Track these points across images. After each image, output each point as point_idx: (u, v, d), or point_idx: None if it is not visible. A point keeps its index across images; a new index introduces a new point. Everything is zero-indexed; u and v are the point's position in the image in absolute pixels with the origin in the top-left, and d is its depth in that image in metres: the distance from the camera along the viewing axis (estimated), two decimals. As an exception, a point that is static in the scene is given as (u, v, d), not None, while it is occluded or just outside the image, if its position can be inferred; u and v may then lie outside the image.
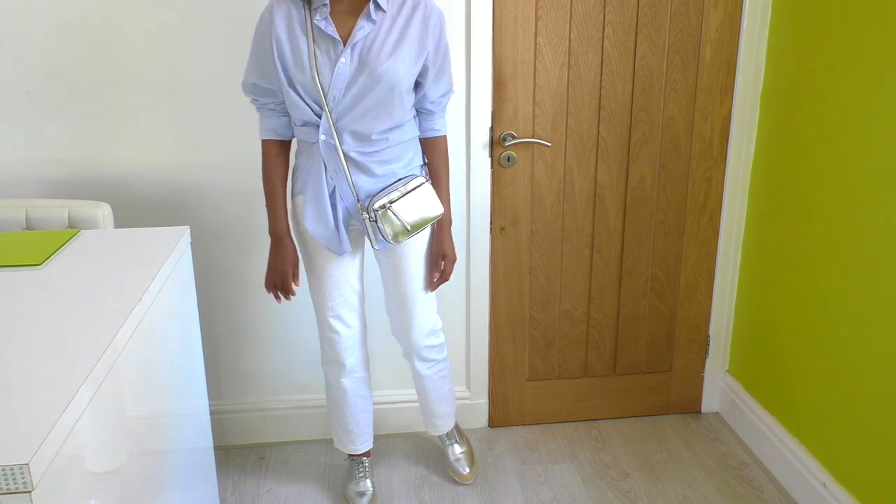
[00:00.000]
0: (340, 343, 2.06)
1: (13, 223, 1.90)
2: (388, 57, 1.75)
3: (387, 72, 1.75)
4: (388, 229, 1.85)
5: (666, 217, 2.51)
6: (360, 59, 1.75)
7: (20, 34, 2.10)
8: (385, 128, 1.83)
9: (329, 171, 1.86)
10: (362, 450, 2.28)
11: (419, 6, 1.80)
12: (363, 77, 1.76)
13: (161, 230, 1.74)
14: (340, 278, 1.99)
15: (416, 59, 1.80)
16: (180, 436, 1.65)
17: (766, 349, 2.43)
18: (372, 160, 1.85)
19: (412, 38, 1.79)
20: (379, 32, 1.76)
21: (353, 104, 1.78)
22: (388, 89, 1.78)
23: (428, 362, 2.17)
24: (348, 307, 2.04)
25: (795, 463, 2.24)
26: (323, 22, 1.73)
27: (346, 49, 1.74)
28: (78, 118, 2.19)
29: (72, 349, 1.17)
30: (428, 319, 2.10)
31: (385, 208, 1.83)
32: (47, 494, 0.94)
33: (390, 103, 1.80)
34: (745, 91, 2.39)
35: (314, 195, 1.87)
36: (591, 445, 2.55)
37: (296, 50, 1.76)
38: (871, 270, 1.92)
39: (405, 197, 1.85)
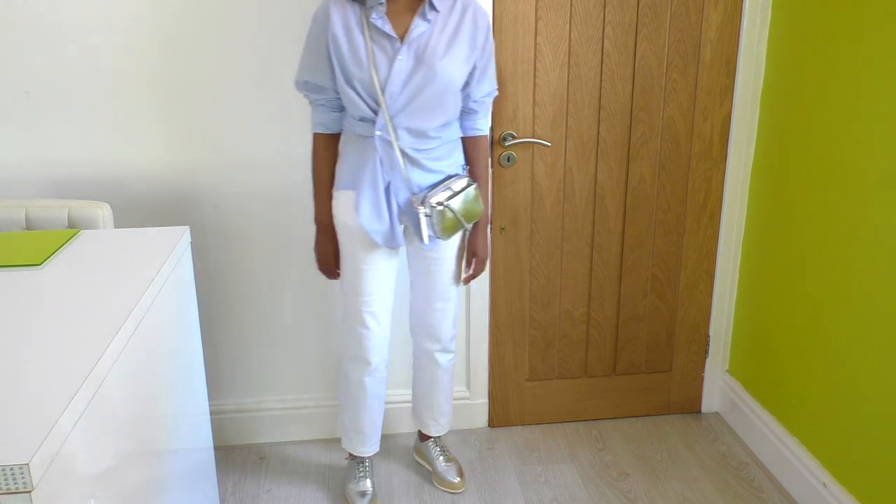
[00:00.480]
0: (369, 340, 2.07)
1: (13, 223, 1.90)
2: (444, 55, 1.82)
3: (442, 69, 1.81)
4: (442, 225, 1.90)
5: (666, 217, 2.51)
6: (417, 57, 1.81)
7: (20, 34, 2.10)
8: (439, 124, 1.89)
9: (385, 166, 1.89)
10: (371, 452, 2.28)
11: (469, 8, 1.87)
12: (419, 74, 1.81)
13: (161, 230, 1.74)
14: (379, 275, 2.02)
15: (467, 59, 1.87)
16: (180, 436, 1.65)
17: (766, 349, 2.43)
18: (425, 157, 1.90)
19: (464, 38, 1.85)
20: (433, 31, 1.82)
21: (410, 101, 1.83)
22: (442, 87, 1.83)
23: (449, 353, 2.23)
24: (383, 305, 2.06)
25: (795, 463, 2.24)
26: (379, 20, 1.78)
27: (403, 46, 1.79)
28: (78, 118, 2.19)
29: (72, 349, 1.17)
30: (454, 313, 2.18)
31: (442, 205, 1.88)
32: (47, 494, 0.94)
33: (444, 100, 1.86)
34: (745, 91, 2.39)
35: (371, 190, 1.91)
36: (591, 445, 2.56)
37: (353, 47, 1.80)
38: (870, 270, 1.92)
39: (457, 196, 1.91)
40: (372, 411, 2.20)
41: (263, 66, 2.21)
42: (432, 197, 1.87)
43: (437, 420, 2.33)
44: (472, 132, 2.02)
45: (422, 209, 1.88)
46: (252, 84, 2.22)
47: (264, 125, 2.26)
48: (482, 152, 2.04)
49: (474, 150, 2.03)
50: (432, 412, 2.32)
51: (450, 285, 2.10)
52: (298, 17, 2.17)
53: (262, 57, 2.20)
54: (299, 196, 2.33)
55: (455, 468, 2.35)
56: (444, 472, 2.33)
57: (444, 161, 1.94)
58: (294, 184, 2.32)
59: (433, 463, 2.37)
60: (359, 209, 1.92)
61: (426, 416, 2.34)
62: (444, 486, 2.33)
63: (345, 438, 2.27)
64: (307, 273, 2.42)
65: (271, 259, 2.40)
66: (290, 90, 2.23)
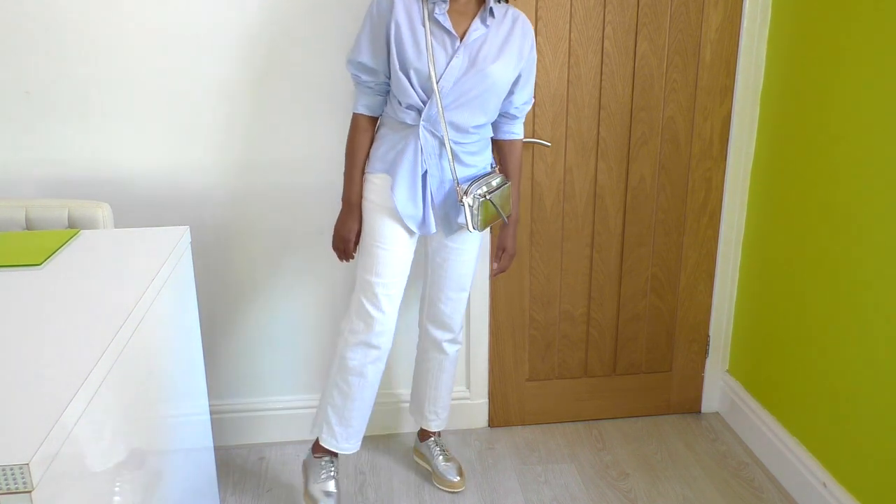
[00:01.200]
0: (373, 327, 2.03)
1: (13, 223, 1.90)
2: (495, 60, 1.91)
3: (493, 73, 1.91)
4: (482, 216, 1.97)
5: (666, 217, 2.51)
6: (471, 59, 1.90)
7: (21, 34, 2.10)
8: (479, 123, 1.98)
9: (425, 154, 1.96)
10: (354, 449, 2.17)
11: (518, 20, 1.97)
12: (471, 75, 1.90)
13: (161, 230, 1.74)
14: (398, 260, 2.04)
15: (515, 66, 1.97)
16: (180, 436, 1.65)
17: (766, 349, 2.43)
18: (463, 150, 1.99)
19: (513, 46, 1.95)
20: (489, 36, 1.92)
21: (458, 97, 1.92)
22: (489, 88, 1.93)
23: (457, 344, 2.28)
24: (396, 290, 2.06)
25: (795, 463, 2.24)
26: (442, 17, 1.87)
27: (461, 46, 1.89)
28: (78, 118, 2.19)
29: (72, 349, 1.17)
30: (466, 305, 2.25)
31: (485, 196, 1.96)
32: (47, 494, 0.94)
33: (488, 101, 1.96)
34: (745, 91, 2.39)
35: (408, 176, 1.97)
36: (591, 445, 2.56)
37: (415, 37, 1.88)
38: (870, 270, 1.92)
39: (496, 191, 2.00)
40: (366, 403, 2.13)
41: (264, 67, 2.21)
42: (477, 189, 1.96)
43: (437, 414, 2.34)
44: (511, 136, 2.12)
45: (466, 199, 1.95)
46: (252, 84, 2.22)
47: (265, 125, 2.26)
48: (518, 154, 2.15)
49: (511, 152, 2.13)
50: (434, 405, 2.33)
51: (468, 276, 2.17)
52: (299, 17, 2.17)
53: (263, 57, 2.20)
54: (300, 196, 2.33)
55: (455, 468, 2.35)
56: (444, 471, 2.33)
57: (478, 156, 2.03)
58: (294, 184, 2.32)
59: (432, 462, 2.37)
60: (395, 194, 1.97)
61: (427, 410, 2.34)
62: (443, 485, 2.33)
63: (326, 430, 2.13)
64: (307, 273, 2.42)
65: (271, 259, 2.40)
66: (291, 91, 2.23)
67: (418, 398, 2.36)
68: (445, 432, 2.59)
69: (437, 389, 2.31)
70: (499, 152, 2.14)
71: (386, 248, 2.02)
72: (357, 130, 2.03)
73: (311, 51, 2.20)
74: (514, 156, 2.14)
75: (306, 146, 2.29)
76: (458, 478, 2.33)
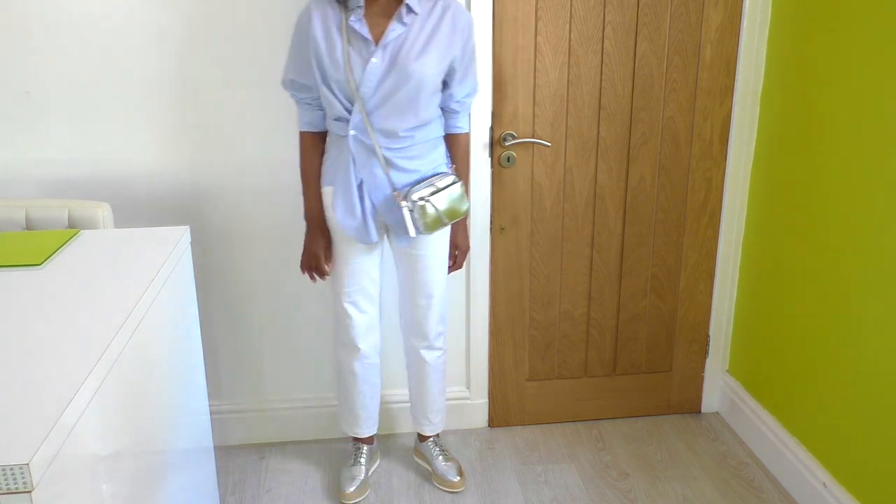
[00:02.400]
0: (354, 328, 2.15)
1: (13, 223, 1.90)
2: (417, 57, 1.85)
3: (415, 71, 1.85)
4: (423, 220, 1.94)
5: (666, 217, 2.51)
6: (391, 59, 1.85)
7: (21, 34, 2.10)
8: (411, 126, 1.93)
9: (357, 164, 1.95)
10: (365, 434, 2.34)
11: (449, 9, 1.90)
12: (393, 76, 1.85)
13: (161, 230, 1.74)
14: (359, 268, 2.08)
15: (441, 60, 1.90)
16: (180, 436, 1.65)
17: (766, 349, 2.43)
18: (398, 156, 1.94)
19: (441, 40, 1.89)
20: (409, 34, 1.86)
21: (383, 102, 1.88)
22: (415, 88, 1.87)
23: (435, 350, 2.24)
24: (364, 295, 2.12)
25: (795, 463, 2.24)
26: (357, 23, 1.83)
27: (377, 49, 1.84)
28: (78, 118, 2.19)
29: (72, 349, 1.17)
30: (441, 309, 2.20)
31: (424, 200, 1.93)
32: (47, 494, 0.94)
33: (417, 102, 1.90)
34: (745, 91, 2.39)
35: (343, 187, 1.98)
36: (591, 445, 2.55)
37: (331, 49, 1.86)
38: (870, 270, 1.92)
39: (440, 192, 1.95)
40: (364, 396, 2.26)
41: (264, 67, 2.21)
42: (415, 192, 1.93)
43: (429, 419, 2.34)
44: (454, 130, 2.07)
45: (405, 204, 1.93)
46: (252, 84, 2.22)
47: (265, 125, 2.26)
48: (463, 149, 2.10)
49: (455, 147, 2.08)
50: (424, 411, 2.33)
51: (434, 282, 2.13)
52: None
53: (263, 57, 2.20)
54: (299, 196, 2.33)
55: (454, 468, 2.35)
56: (444, 471, 2.33)
57: (420, 160, 1.98)
58: (294, 184, 2.32)
59: (432, 463, 2.37)
60: (334, 205, 2.00)
61: (419, 415, 2.35)
62: (443, 485, 2.33)
63: (342, 421, 2.35)
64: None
65: (271, 259, 2.40)
66: (290, 90, 2.23)
67: (411, 403, 2.38)
68: (445, 432, 2.59)
69: (425, 396, 2.30)
70: (447, 148, 2.08)
71: (346, 262, 2.07)
72: (304, 149, 2.04)
73: (311, 51, 2.20)
74: (458, 151, 2.08)
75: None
76: (457, 478, 2.33)
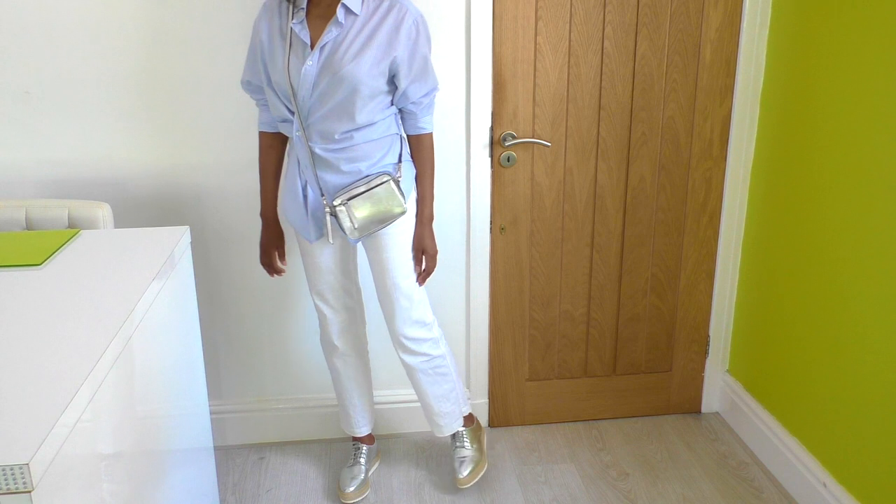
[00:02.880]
0: (329, 325, 2.18)
1: (13, 223, 1.90)
2: (352, 60, 1.81)
3: (348, 74, 1.81)
4: (347, 224, 1.93)
5: (666, 217, 2.51)
6: (325, 62, 1.82)
7: (20, 34, 2.10)
8: (346, 129, 1.87)
9: (301, 165, 1.97)
10: (360, 433, 2.35)
11: (393, 10, 1.84)
12: (326, 79, 1.82)
13: (161, 230, 1.74)
14: (319, 263, 2.10)
15: (379, 62, 1.83)
16: (180, 436, 1.65)
17: (766, 349, 2.43)
18: (337, 157, 1.91)
19: (379, 41, 1.82)
20: (347, 36, 1.82)
21: (319, 104, 1.86)
22: (350, 91, 1.82)
23: (415, 355, 2.13)
24: (330, 290, 2.13)
25: (795, 463, 2.24)
26: (298, 26, 1.82)
27: (313, 52, 1.82)
28: (78, 118, 2.19)
29: (72, 349, 1.17)
30: (411, 311, 2.07)
31: (343, 204, 1.91)
32: (47, 494, 0.94)
33: (352, 105, 1.84)
34: (745, 91, 2.39)
35: (290, 186, 2.02)
36: (591, 445, 2.56)
37: (274, 52, 1.86)
38: (870, 270, 1.92)
39: (365, 194, 1.91)
40: (348, 392, 2.28)
41: (263, 66, 2.21)
42: (337, 197, 1.92)
43: (435, 422, 2.28)
44: (416, 131, 1.99)
45: (327, 209, 1.95)
46: (252, 84, 2.22)
47: (264, 125, 2.26)
48: (425, 149, 2.01)
49: (417, 148, 2.01)
50: (429, 414, 2.28)
51: (393, 284, 2.04)
52: (298, 17, 2.17)
53: (262, 57, 2.20)
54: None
55: (465, 462, 2.28)
56: (455, 467, 2.28)
57: (361, 162, 1.92)
58: (294, 184, 2.32)
59: (452, 452, 2.33)
60: (282, 203, 2.06)
61: (426, 414, 2.32)
62: (455, 476, 2.29)
63: (340, 420, 2.38)
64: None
65: (271, 259, 2.39)
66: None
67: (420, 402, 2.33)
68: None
69: (423, 399, 2.24)
70: (409, 149, 2.02)
71: (310, 260, 2.10)
72: (260, 148, 2.05)
73: (311, 51, 2.20)
74: (420, 151, 2.00)
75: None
76: (463, 474, 2.25)
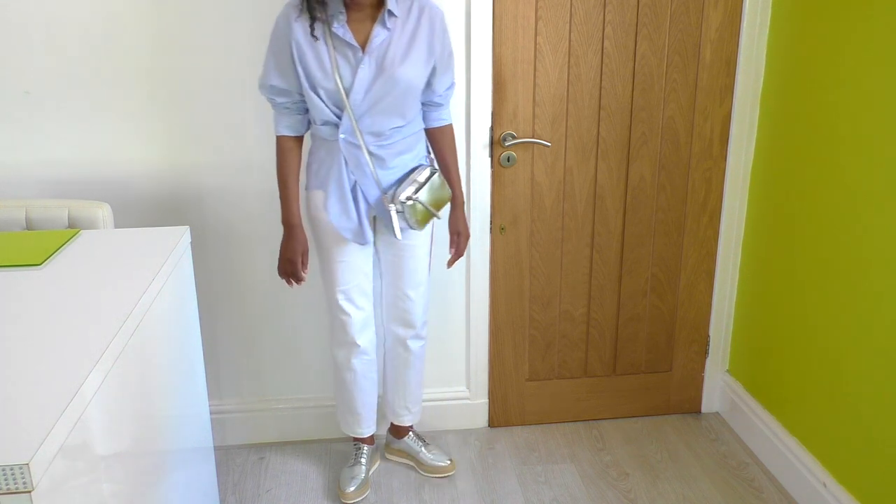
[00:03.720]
0: (351, 325, 2.14)
1: (13, 223, 1.90)
2: (403, 62, 1.87)
3: (402, 76, 1.87)
4: (415, 218, 1.97)
5: (666, 217, 2.51)
6: (378, 65, 1.86)
7: (20, 34, 2.10)
8: (395, 125, 1.95)
9: (350, 166, 1.95)
10: (367, 433, 2.34)
11: (425, 10, 1.91)
12: (381, 81, 1.87)
13: (161, 230, 1.74)
14: (354, 265, 2.08)
15: (426, 62, 1.92)
16: (180, 436, 1.65)
17: (766, 349, 2.43)
18: (387, 152, 1.96)
19: (422, 42, 1.90)
20: (393, 38, 1.86)
21: (372, 105, 1.89)
22: (403, 91, 1.90)
23: (421, 340, 2.27)
24: (359, 292, 2.13)
25: (795, 463, 2.24)
26: (341, 29, 1.83)
27: (365, 56, 1.84)
28: (78, 118, 2.19)
29: (72, 349, 1.17)
30: (427, 299, 2.23)
31: (411, 199, 1.94)
32: (47, 494, 0.94)
33: (405, 103, 1.92)
34: (745, 91, 2.39)
35: (338, 191, 1.98)
36: (591, 445, 2.56)
37: (318, 57, 1.85)
38: (870, 270, 1.92)
39: (423, 187, 1.97)
40: (364, 392, 2.26)
41: (263, 66, 2.21)
42: (401, 193, 1.94)
43: (409, 409, 2.36)
44: (439, 122, 2.07)
45: (392, 206, 1.95)
46: (252, 84, 2.22)
47: (264, 126, 2.26)
48: (450, 140, 2.10)
49: (443, 138, 2.09)
50: (405, 400, 2.34)
51: (422, 270, 2.15)
52: (298, 17, 2.17)
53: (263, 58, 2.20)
54: (299, 196, 2.33)
55: (442, 453, 2.39)
56: (434, 458, 2.37)
57: (406, 155, 2.00)
58: (294, 184, 2.32)
59: (417, 455, 2.39)
60: (328, 208, 1.99)
61: (398, 406, 2.36)
62: (437, 472, 2.35)
63: (342, 422, 2.34)
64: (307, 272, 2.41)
65: (271, 259, 2.39)
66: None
67: (390, 394, 2.38)
68: (445, 432, 2.59)
69: (407, 385, 2.32)
70: (431, 141, 2.10)
71: (342, 260, 2.07)
72: (283, 152, 2.01)
73: (311, 51, 2.20)
74: (446, 142, 2.09)
75: (305, 146, 2.28)
76: (448, 461, 2.36)
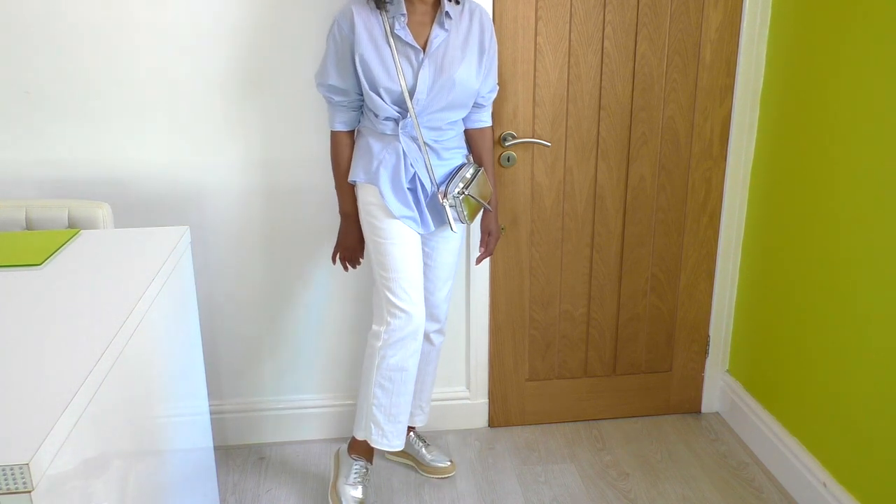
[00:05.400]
0: (410, 322, 2.03)
1: (13, 223, 1.90)
2: (460, 63, 1.94)
3: (460, 76, 1.94)
4: (467, 212, 2.03)
5: (666, 217, 2.51)
6: (437, 67, 1.93)
7: (20, 34, 2.10)
8: (453, 120, 2.03)
9: (409, 160, 1.99)
10: (401, 445, 2.15)
11: (475, 13, 1.99)
12: (440, 82, 1.93)
13: (161, 230, 1.74)
14: (414, 254, 2.06)
15: (480, 62, 2.00)
16: (180, 436, 1.65)
17: (766, 349, 2.43)
18: (442, 147, 2.03)
19: (474, 44, 1.98)
20: (450, 39, 1.94)
21: (433, 103, 1.95)
22: (462, 90, 1.97)
23: (443, 335, 2.30)
24: (419, 282, 2.06)
25: (795, 463, 2.24)
26: (403, 31, 1.88)
27: (426, 57, 1.91)
28: (78, 118, 2.18)
29: (72, 349, 1.17)
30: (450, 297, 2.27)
31: (463, 194, 2.00)
32: (47, 494, 0.94)
33: (462, 101, 1.99)
34: (745, 91, 2.39)
35: (397, 182, 2.00)
36: (591, 445, 2.56)
37: (381, 58, 1.90)
38: (870, 270, 1.92)
39: (472, 183, 2.03)
40: (410, 396, 2.12)
41: (265, 67, 2.21)
42: (453, 188, 2.00)
43: (422, 408, 2.36)
44: (480, 124, 2.13)
45: (446, 201, 2.00)
46: (253, 84, 2.22)
47: (265, 125, 2.26)
48: (489, 141, 2.17)
49: (482, 139, 2.15)
50: (419, 399, 2.33)
51: (452, 267, 2.21)
52: (300, 18, 2.17)
53: (264, 57, 2.20)
54: (299, 196, 2.33)
55: (442, 454, 2.39)
56: (434, 459, 2.37)
57: (455, 150, 2.07)
58: (294, 184, 2.32)
59: (419, 455, 2.39)
60: (387, 201, 2.00)
61: (413, 405, 2.30)
62: (437, 473, 2.35)
63: (375, 433, 2.10)
64: (307, 273, 2.42)
65: (271, 259, 2.40)
66: (290, 91, 2.23)
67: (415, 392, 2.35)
68: (445, 432, 2.59)
69: (423, 382, 2.31)
70: (471, 142, 2.14)
71: (397, 244, 2.03)
72: (339, 146, 2.07)
73: (309, 51, 2.20)
74: (486, 144, 2.15)
75: (305, 146, 2.29)
76: (448, 462, 2.37)
